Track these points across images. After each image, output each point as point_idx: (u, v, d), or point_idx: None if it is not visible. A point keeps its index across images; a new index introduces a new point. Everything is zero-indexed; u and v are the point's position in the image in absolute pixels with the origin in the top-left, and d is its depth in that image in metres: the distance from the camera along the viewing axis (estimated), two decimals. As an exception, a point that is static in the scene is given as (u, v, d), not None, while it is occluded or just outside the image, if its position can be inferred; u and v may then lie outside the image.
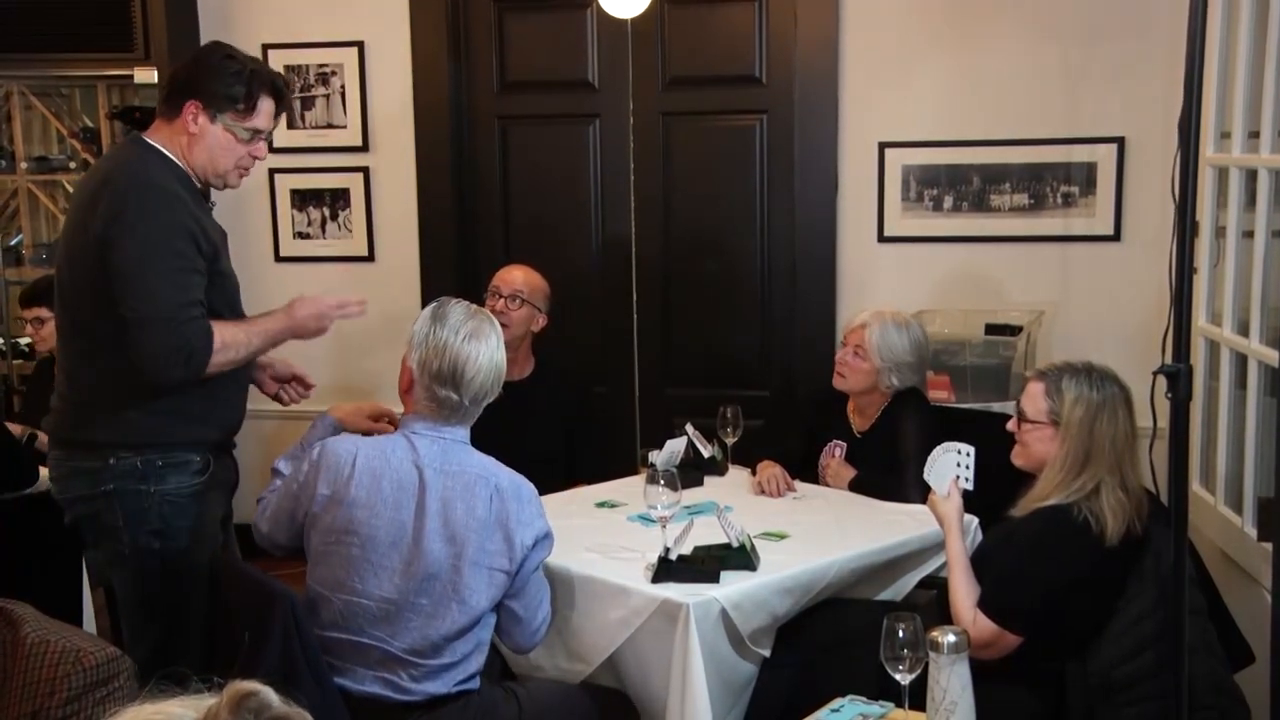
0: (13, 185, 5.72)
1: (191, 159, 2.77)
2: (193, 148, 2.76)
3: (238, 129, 2.77)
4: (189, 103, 2.73)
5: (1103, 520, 2.58)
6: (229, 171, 2.83)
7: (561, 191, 4.66)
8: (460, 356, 2.52)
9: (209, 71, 2.74)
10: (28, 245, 5.80)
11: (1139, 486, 2.67)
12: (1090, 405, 2.64)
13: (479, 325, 2.57)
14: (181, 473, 2.76)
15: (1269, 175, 3.05)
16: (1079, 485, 2.62)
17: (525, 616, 2.62)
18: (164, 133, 2.77)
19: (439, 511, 2.50)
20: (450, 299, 2.65)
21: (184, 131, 2.74)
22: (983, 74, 4.15)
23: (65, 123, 5.63)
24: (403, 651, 2.50)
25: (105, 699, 1.83)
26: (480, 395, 2.57)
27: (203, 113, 2.73)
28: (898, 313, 3.53)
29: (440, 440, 2.57)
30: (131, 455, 2.73)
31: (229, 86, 2.73)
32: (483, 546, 2.50)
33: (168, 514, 2.75)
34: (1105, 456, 2.62)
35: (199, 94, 2.72)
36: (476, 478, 2.53)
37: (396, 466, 2.54)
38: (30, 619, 1.91)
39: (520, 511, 2.53)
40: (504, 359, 2.61)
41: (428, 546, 2.48)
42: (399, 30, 4.61)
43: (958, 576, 2.69)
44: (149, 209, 2.63)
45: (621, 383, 4.61)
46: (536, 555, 2.58)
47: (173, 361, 2.61)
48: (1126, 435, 2.65)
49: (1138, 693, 2.57)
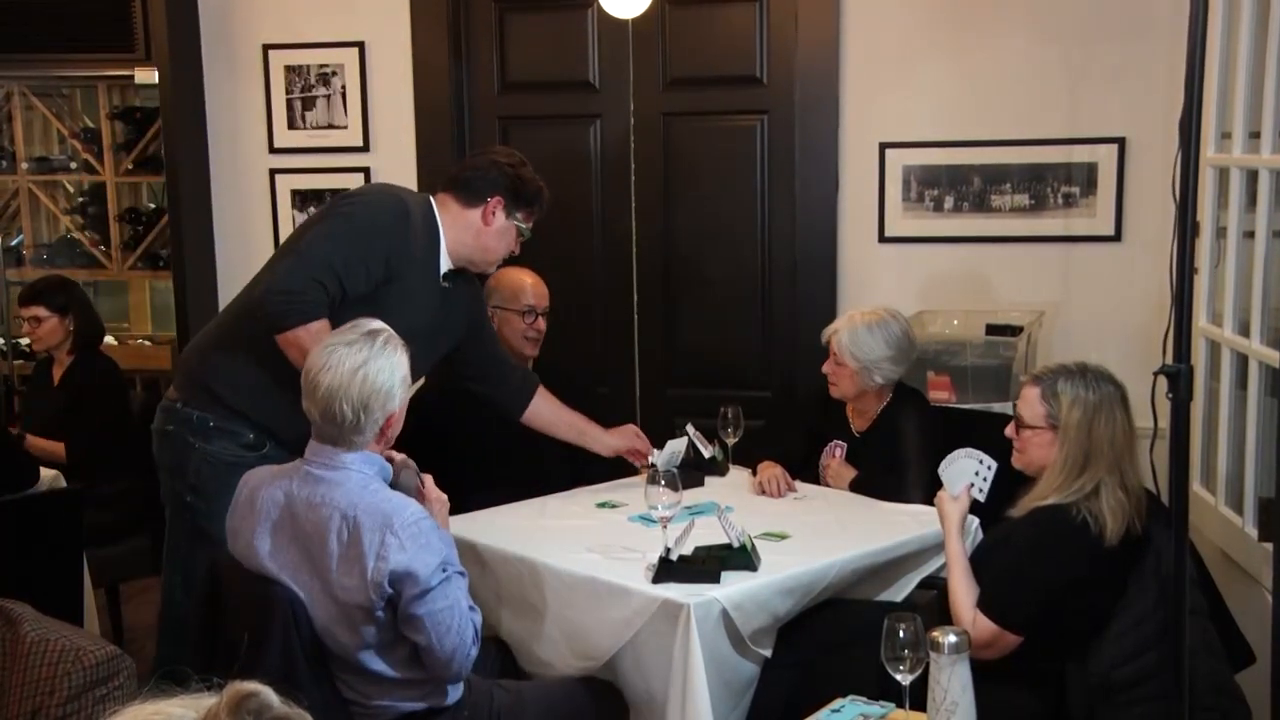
0: (13, 185, 5.73)
1: (480, 243, 3.14)
2: (484, 235, 3.13)
3: (523, 227, 3.18)
4: (495, 197, 3.11)
5: (1102, 520, 2.58)
6: (496, 261, 3.25)
7: (562, 192, 4.63)
8: (319, 379, 2.42)
9: (520, 180, 3.14)
10: (28, 245, 5.81)
11: (1138, 485, 2.66)
12: (1087, 406, 2.64)
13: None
14: (228, 440, 2.98)
15: (1270, 175, 3.05)
16: (1079, 486, 2.62)
17: (430, 645, 2.40)
18: (452, 210, 3.12)
19: (304, 545, 2.44)
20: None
21: (484, 219, 3.11)
22: (983, 74, 4.15)
23: (66, 123, 5.64)
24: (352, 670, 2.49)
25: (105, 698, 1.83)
26: (340, 420, 2.39)
27: (503, 209, 3.12)
28: (871, 311, 3.52)
29: (323, 466, 2.44)
30: (194, 407, 3.00)
31: (532, 198, 3.17)
32: (340, 582, 2.39)
33: (205, 474, 2.96)
34: (1104, 457, 2.61)
35: (505, 194, 3.12)
36: (334, 510, 2.40)
37: (269, 497, 2.49)
38: (30, 618, 1.91)
39: (383, 545, 2.34)
40: (375, 371, 2.43)
41: (297, 578, 2.44)
42: (400, 30, 4.61)
43: (957, 577, 2.69)
44: (362, 206, 3.02)
45: (622, 383, 4.61)
46: (414, 589, 2.35)
47: (278, 301, 2.84)
48: (1125, 434, 2.65)
49: (1139, 693, 2.57)
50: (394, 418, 2.49)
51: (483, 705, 2.61)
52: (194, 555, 2.96)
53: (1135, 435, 2.70)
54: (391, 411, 2.46)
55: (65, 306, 4.35)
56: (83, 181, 5.71)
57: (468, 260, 3.17)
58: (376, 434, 2.47)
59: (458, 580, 2.45)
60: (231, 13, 4.75)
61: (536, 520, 3.20)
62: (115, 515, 4.16)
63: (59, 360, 4.41)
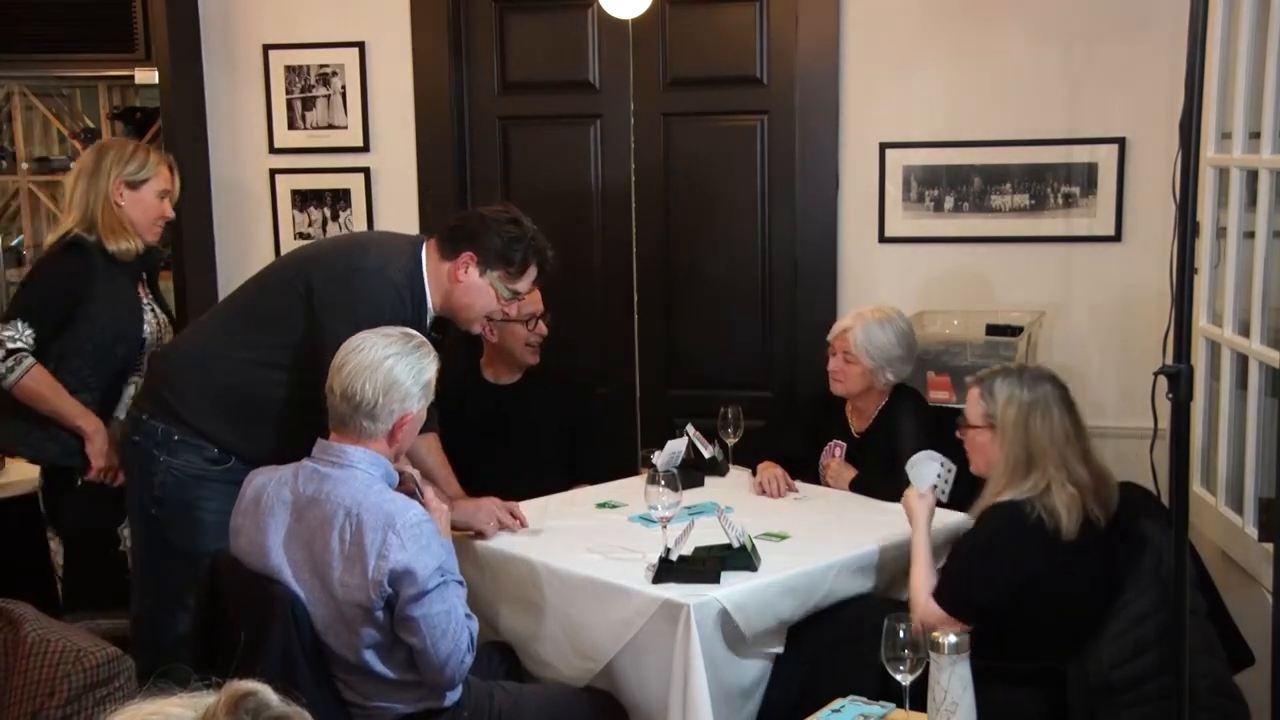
0: (14, 186, 5.73)
1: (451, 300, 3.01)
2: (456, 292, 2.99)
3: (501, 287, 2.99)
4: (466, 253, 2.96)
5: (1056, 516, 2.64)
6: (476, 319, 3.06)
7: (562, 192, 4.66)
8: (348, 358, 2.49)
9: (492, 231, 2.97)
10: (28, 246, 5.80)
11: (1090, 477, 2.70)
12: (1022, 405, 2.73)
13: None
14: (193, 453, 2.96)
15: (1270, 175, 3.05)
16: (1030, 485, 2.69)
17: (425, 649, 2.42)
18: (434, 260, 3.00)
19: (306, 542, 2.45)
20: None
21: (454, 277, 2.97)
22: (984, 74, 4.15)
23: (66, 123, 5.63)
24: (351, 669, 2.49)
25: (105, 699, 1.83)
26: (359, 400, 2.45)
27: (475, 265, 2.96)
28: (877, 308, 3.55)
29: (330, 463, 2.47)
30: (158, 421, 2.97)
31: (507, 250, 2.97)
32: (341, 580, 2.40)
33: (169, 486, 2.95)
34: (1047, 454, 2.69)
35: (477, 249, 2.96)
36: (338, 507, 2.42)
37: (274, 494, 2.51)
38: (30, 619, 1.91)
39: (385, 543, 2.37)
40: (402, 366, 2.49)
41: (299, 576, 2.45)
42: (400, 31, 4.60)
43: (919, 567, 2.79)
44: (355, 298, 2.86)
45: (622, 383, 4.61)
46: (411, 589, 2.38)
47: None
48: (1066, 431, 2.72)
49: (1138, 694, 2.57)
50: (407, 421, 2.51)
51: (483, 706, 2.61)
52: (158, 566, 2.98)
53: (1082, 430, 2.76)
54: (407, 411, 2.50)
55: None
56: (83, 182, 5.71)
57: (449, 315, 3.07)
58: (387, 432, 2.49)
59: (455, 588, 2.47)
60: (232, 13, 4.75)
61: (537, 520, 3.20)
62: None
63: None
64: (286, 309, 2.95)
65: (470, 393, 3.85)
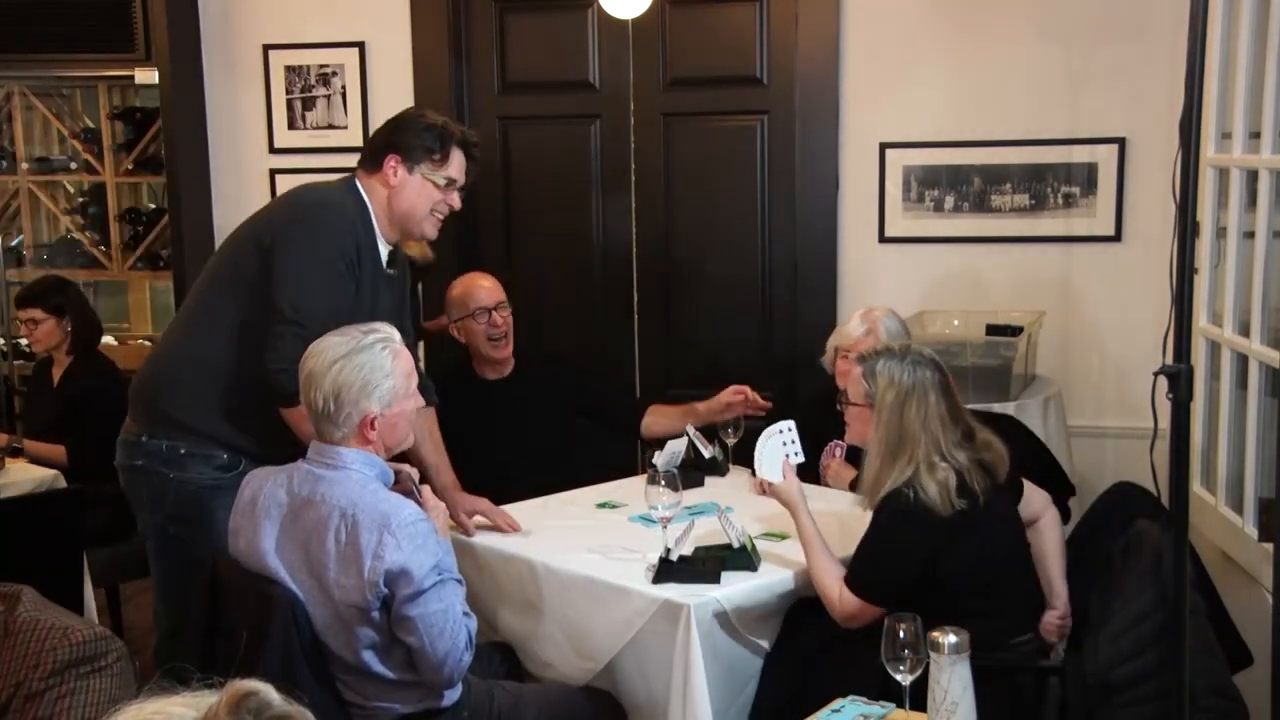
0: (14, 186, 5.73)
1: (392, 208, 2.99)
2: (393, 198, 2.97)
3: (434, 177, 2.98)
4: (389, 156, 2.95)
5: (930, 496, 2.65)
6: (425, 218, 3.02)
7: (562, 192, 4.66)
8: (304, 364, 2.48)
9: (406, 128, 2.99)
10: (28, 245, 5.81)
11: (968, 458, 2.71)
12: (900, 390, 2.73)
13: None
14: (203, 464, 2.93)
15: (1270, 175, 3.05)
16: (901, 466, 2.70)
17: (422, 648, 2.40)
18: (367, 182, 3.00)
19: (303, 544, 2.45)
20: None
21: (385, 183, 2.96)
22: (984, 74, 4.15)
23: (66, 123, 5.63)
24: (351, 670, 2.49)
25: (90, 675, 1.82)
26: (316, 407, 2.44)
27: (402, 165, 2.95)
28: (877, 309, 3.55)
29: (324, 465, 2.47)
30: (160, 438, 2.93)
31: (424, 140, 2.97)
32: (338, 581, 2.39)
33: (186, 500, 2.91)
34: (918, 439, 2.69)
35: (398, 149, 2.96)
36: (333, 508, 2.41)
37: (270, 495, 2.51)
38: (29, 599, 1.92)
39: (380, 544, 2.36)
40: (352, 366, 2.45)
41: (296, 578, 2.45)
42: (400, 31, 4.61)
43: (816, 553, 2.77)
44: (318, 229, 2.87)
45: (622, 383, 4.61)
46: (407, 589, 2.37)
47: (287, 377, 2.66)
48: (941, 418, 2.73)
49: (1137, 694, 2.57)
50: (370, 420, 2.45)
51: (482, 706, 2.61)
52: (188, 584, 2.87)
53: (961, 414, 2.77)
54: (365, 413, 2.44)
55: (61, 308, 4.35)
56: (83, 182, 5.71)
57: (400, 231, 3.04)
58: (354, 430, 2.46)
59: (453, 586, 2.46)
60: (231, 13, 4.75)
61: (537, 520, 3.19)
62: (115, 515, 4.16)
63: (58, 361, 4.41)
64: (255, 273, 2.88)
65: (463, 390, 3.84)
